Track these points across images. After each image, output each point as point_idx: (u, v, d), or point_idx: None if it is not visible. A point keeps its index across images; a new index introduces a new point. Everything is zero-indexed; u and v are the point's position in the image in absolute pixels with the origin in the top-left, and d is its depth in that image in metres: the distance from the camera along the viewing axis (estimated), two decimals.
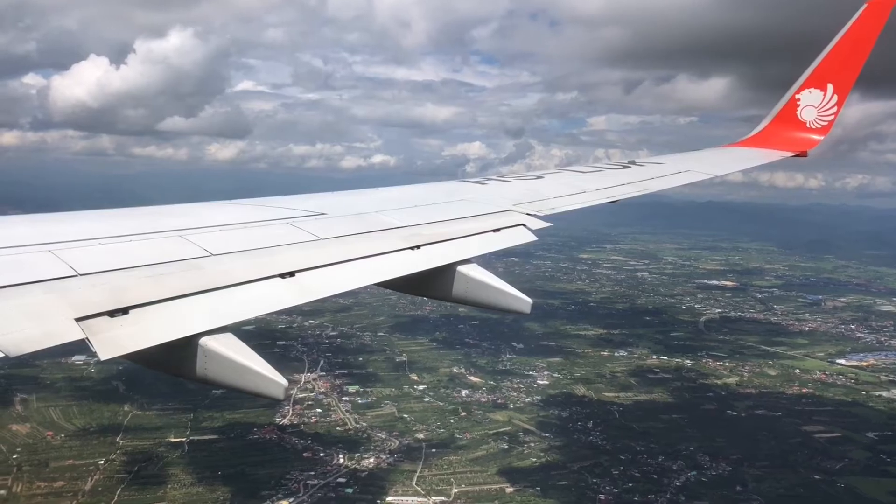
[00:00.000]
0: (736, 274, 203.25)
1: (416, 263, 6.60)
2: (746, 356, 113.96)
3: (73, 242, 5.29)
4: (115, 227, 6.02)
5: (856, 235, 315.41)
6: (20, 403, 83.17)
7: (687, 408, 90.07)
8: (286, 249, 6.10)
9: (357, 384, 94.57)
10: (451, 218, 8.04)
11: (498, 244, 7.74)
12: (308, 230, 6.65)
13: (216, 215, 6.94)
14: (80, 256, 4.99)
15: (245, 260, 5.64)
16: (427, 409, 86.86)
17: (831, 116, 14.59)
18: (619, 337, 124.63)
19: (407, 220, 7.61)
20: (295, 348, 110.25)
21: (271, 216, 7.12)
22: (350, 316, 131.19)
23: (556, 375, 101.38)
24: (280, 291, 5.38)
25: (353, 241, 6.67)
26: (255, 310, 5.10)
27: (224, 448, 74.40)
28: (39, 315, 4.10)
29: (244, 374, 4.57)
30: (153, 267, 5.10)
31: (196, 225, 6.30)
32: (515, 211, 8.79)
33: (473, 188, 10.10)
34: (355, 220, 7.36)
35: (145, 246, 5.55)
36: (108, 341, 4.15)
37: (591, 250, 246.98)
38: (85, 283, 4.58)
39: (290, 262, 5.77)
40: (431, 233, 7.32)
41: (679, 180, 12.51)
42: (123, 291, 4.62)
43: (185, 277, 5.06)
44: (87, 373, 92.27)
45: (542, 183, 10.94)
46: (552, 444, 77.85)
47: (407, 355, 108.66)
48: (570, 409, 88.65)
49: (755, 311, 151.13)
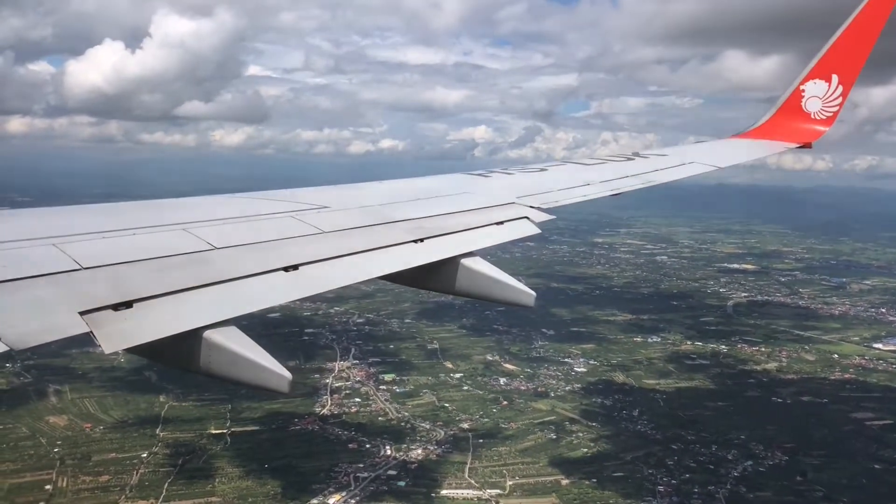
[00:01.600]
0: (755, 257, 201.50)
1: (419, 257, 6.60)
2: (781, 341, 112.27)
3: (77, 236, 5.33)
4: (119, 220, 6.06)
5: (869, 217, 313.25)
6: (54, 395, 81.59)
7: (731, 395, 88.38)
8: (290, 243, 6.11)
9: (392, 372, 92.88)
10: (454, 211, 8.07)
11: (501, 237, 7.79)
12: (311, 223, 6.68)
13: (219, 208, 7.02)
14: (84, 250, 5.01)
15: (249, 253, 5.68)
16: (467, 398, 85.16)
17: (836, 107, 14.61)
18: (648, 322, 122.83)
19: (410, 213, 7.61)
20: (324, 336, 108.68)
21: (275, 209, 7.13)
22: (375, 303, 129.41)
23: (592, 362, 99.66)
24: (284, 284, 5.40)
25: (356, 234, 6.69)
26: (259, 303, 5.05)
27: (267, 440, 72.75)
28: (43, 309, 4.10)
29: (248, 367, 4.53)
30: (157, 260, 5.12)
31: (199, 218, 6.31)
32: (519, 204, 8.79)
33: (477, 181, 10.12)
34: (359, 214, 7.35)
35: (149, 239, 5.57)
36: (112, 335, 4.13)
37: (605, 234, 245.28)
38: (89, 277, 4.60)
39: (293, 256, 5.79)
40: (435, 226, 7.33)
41: (683, 172, 12.60)
42: (127, 285, 4.61)
43: (188, 270, 5.08)
44: (117, 363, 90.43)
45: (546, 176, 11.03)
46: (600, 434, 76.20)
47: (438, 342, 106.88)
48: (613, 397, 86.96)
49: (781, 295, 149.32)
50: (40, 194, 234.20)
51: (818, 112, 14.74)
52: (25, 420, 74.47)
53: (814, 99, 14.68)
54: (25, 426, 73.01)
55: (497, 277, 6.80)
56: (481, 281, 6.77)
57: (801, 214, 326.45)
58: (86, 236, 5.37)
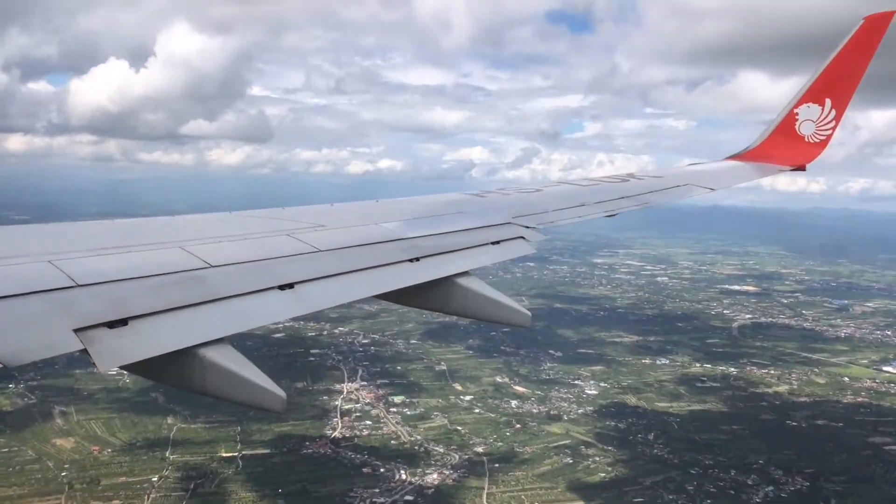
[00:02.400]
0: (755, 279, 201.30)
1: (415, 276, 6.59)
2: (790, 363, 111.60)
3: (73, 253, 5.29)
4: (115, 237, 6.07)
5: (865, 240, 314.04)
6: (60, 416, 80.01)
7: (745, 418, 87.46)
8: (285, 261, 6.09)
9: (402, 394, 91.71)
10: (450, 230, 8.07)
11: (497, 257, 7.83)
12: (307, 242, 6.65)
13: (215, 226, 7.00)
14: (80, 267, 4.97)
15: (244, 271, 5.65)
16: (479, 421, 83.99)
17: (829, 131, 14.72)
18: (655, 344, 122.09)
19: (406, 233, 7.61)
20: (330, 357, 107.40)
21: (270, 228, 7.14)
22: (379, 323, 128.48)
23: (602, 385, 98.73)
24: (279, 303, 5.37)
25: (352, 252, 6.69)
26: (254, 321, 5.04)
27: (279, 463, 71.40)
28: (38, 326, 4.08)
29: (244, 386, 4.50)
30: (153, 278, 5.10)
31: (195, 236, 6.30)
32: (514, 224, 8.82)
33: (473, 200, 10.13)
34: (355, 232, 7.37)
35: (145, 257, 5.54)
36: (107, 352, 4.10)
37: (604, 255, 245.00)
38: (84, 294, 4.58)
39: (289, 274, 5.76)
40: (431, 245, 7.32)
41: (678, 195, 12.65)
42: (123, 302, 4.59)
43: (184, 289, 5.06)
44: (122, 383, 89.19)
45: (541, 196, 11.02)
46: (617, 458, 75.11)
47: (446, 364, 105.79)
48: (626, 420, 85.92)
49: (785, 317, 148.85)
50: (38, 212, 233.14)
51: (812, 135, 14.87)
52: (31, 443, 72.90)
53: (807, 122, 14.81)
54: (31, 449, 71.47)
55: (493, 297, 6.74)
56: (477, 300, 6.72)
57: (797, 236, 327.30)
58: (81, 253, 5.35)
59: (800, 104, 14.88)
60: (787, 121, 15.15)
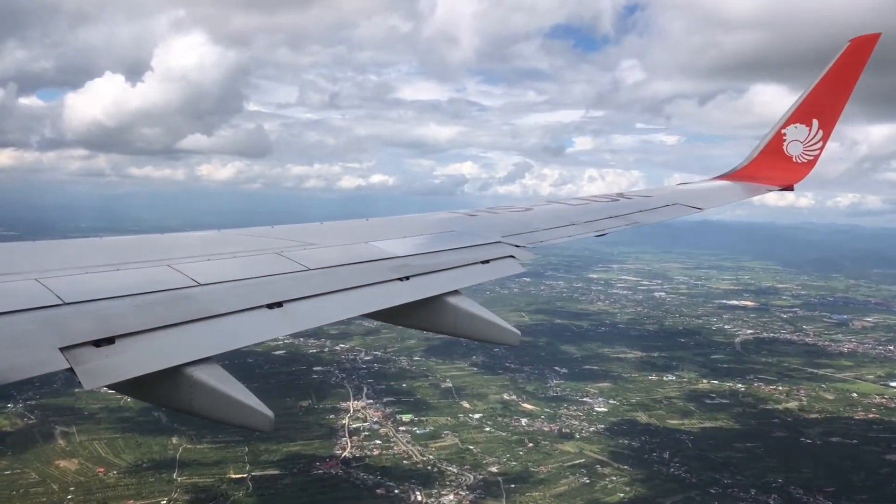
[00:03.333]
0: (752, 293, 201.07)
1: (404, 294, 6.53)
2: (796, 379, 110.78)
3: (60, 271, 5.24)
4: (102, 255, 5.99)
5: (857, 254, 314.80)
6: (62, 437, 77.97)
7: (758, 435, 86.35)
8: (274, 279, 6.02)
9: (410, 412, 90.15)
10: (440, 249, 8.04)
11: (487, 276, 7.79)
12: (296, 260, 6.59)
13: (204, 244, 6.93)
14: (67, 285, 4.92)
15: (233, 289, 5.59)
16: (491, 440, 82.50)
17: (817, 151, 14.89)
18: (660, 360, 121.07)
19: (396, 251, 7.56)
20: (333, 374, 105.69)
21: (259, 246, 7.07)
22: (380, 339, 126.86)
23: (611, 402, 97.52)
24: (267, 321, 5.32)
25: (341, 271, 6.62)
26: (242, 340, 5.01)
27: (290, 484, 69.73)
28: (24, 344, 4.05)
29: (231, 405, 4.45)
30: (140, 296, 5.03)
31: (183, 254, 6.24)
32: (504, 243, 8.79)
33: (463, 220, 10.16)
34: (344, 251, 7.31)
35: (132, 275, 5.49)
36: (93, 371, 4.06)
37: (599, 270, 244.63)
38: (71, 312, 4.53)
39: (277, 292, 5.70)
40: (420, 264, 7.29)
41: (666, 214, 12.75)
42: (109, 320, 4.54)
43: (172, 307, 5.01)
44: (124, 402, 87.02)
45: (531, 215, 11.00)
46: (634, 477, 73.82)
47: (451, 381, 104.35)
48: (639, 438, 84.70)
49: (786, 332, 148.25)
50: (26, 228, 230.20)
51: (799, 156, 15.03)
52: (34, 464, 70.82)
53: (795, 143, 14.98)
54: (35, 471, 69.39)
55: (482, 316, 6.72)
56: (466, 319, 6.70)
57: (789, 251, 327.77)
58: (68, 271, 5.29)
59: (787, 125, 15.05)
60: (774, 141, 15.28)
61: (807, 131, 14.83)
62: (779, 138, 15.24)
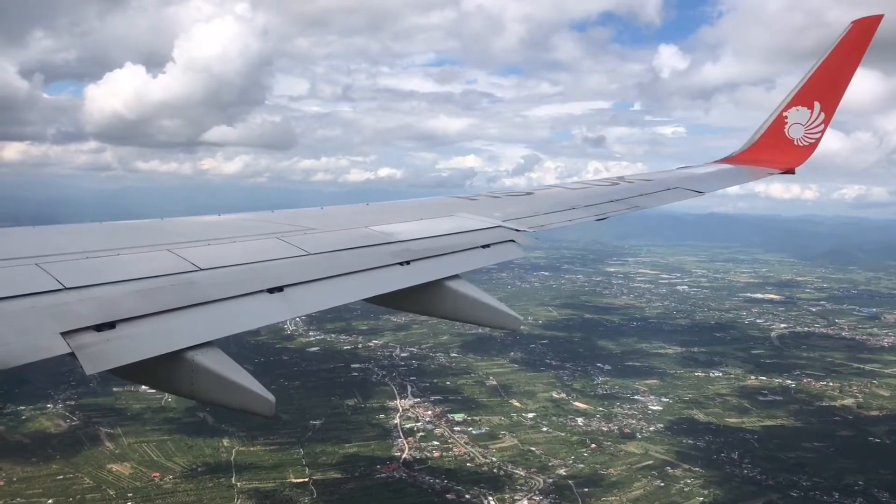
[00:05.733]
0: (774, 286, 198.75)
1: (405, 279, 6.47)
2: (845, 375, 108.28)
3: (61, 256, 5.19)
4: (103, 240, 5.93)
5: (869, 246, 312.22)
6: (108, 439, 74.94)
7: (823, 434, 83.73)
8: (275, 264, 5.95)
9: (460, 412, 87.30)
10: (441, 234, 7.96)
11: (487, 260, 7.68)
12: (297, 245, 6.51)
13: (205, 229, 6.88)
14: (68, 270, 4.89)
15: (233, 274, 5.52)
16: (551, 441, 79.67)
17: (818, 134, 14.73)
18: (701, 355, 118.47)
19: (397, 236, 7.43)
20: (373, 371, 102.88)
21: (260, 231, 7.00)
22: (412, 335, 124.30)
23: (664, 399, 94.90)
24: (268, 306, 5.28)
25: (342, 256, 6.52)
26: (243, 325, 4.96)
27: (356, 489, 66.86)
28: (25, 329, 4.03)
29: (232, 390, 4.44)
30: (141, 281, 5.01)
31: (184, 239, 6.19)
32: (505, 227, 8.67)
33: (464, 204, 10.00)
34: (344, 235, 7.19)
35: (133, 260, 5.43)
36: (94, 356, 4.07)
37: (615, 263, 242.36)
38: (72, 297, 4.52)
39: (278, 277, 5.62)
40: (421, 248, 7.19)
41: (668, 198, 12.53)
42: (111, 305, 4.53)
43: (172, 291, 4.98)
44: (166, 402, 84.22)
45: (532, 199, 10.97)
46: (708, 479, 71.08)
47: (494, 378, 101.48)
48: (702, 437, 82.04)
49: (820, 326, 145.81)
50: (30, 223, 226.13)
51: (801, 138, 14.81)
52: (85, 468, 67.89)
53: (796, 126, 14.76)
54: (88, 476, 66.48)
55: (483, 300, 6.64)
56: (467, 304, 6.60)
57: (800, 243, 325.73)
58: (70, 256, 5.22)
59: (789, 108, 14.81)
60: (776, 124, 15.02)
61: (808, 114, 14.60)
62: (780, 121, 14.95)
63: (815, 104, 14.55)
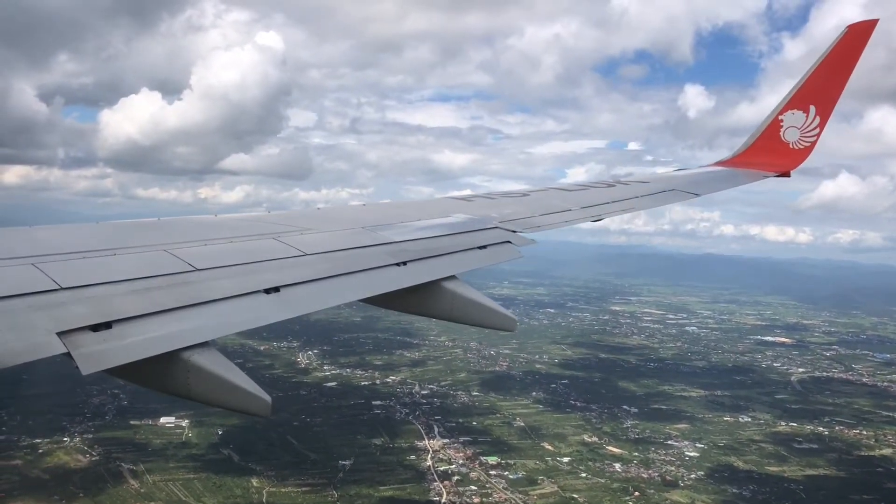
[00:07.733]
0: (782, 329, 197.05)
1: (402, 279, 6.41)
2: (876, 424, 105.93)
3: (57, 255, 5.12)
4: (100, 240, 5.84)
5: (867, 291, 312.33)
6: (132, 476, 71.23)
7: (869, 486, 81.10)
8: (271, 264, 5.88)
9: (493, 454, 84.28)
10: (437, 234, 7.91)
11: (484, 261, 7.61)
12: (293, 245, 6.43)
13: (201, 229, 6.79)
14: (64, 270, 4.82)
15: (230, 274, 5.46)
16: (591, 488, 76.66)
17: (813, 138, 14.74)
18: (725, 399, 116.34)
19: (394, 236, 7.39)
20: (396, 409, 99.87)
21: (256, 231, 6.87)
22: (429, 371, 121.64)
23: (699, 445, 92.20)
24: (265, 306, 5.20)
25: (338, 256, 6.46)
26: (239, 324, 4.90)
27: None
28: (21, 329, 3.97)
29: (229, 390, 4.38)
30: (137, 281, 4.94)
31: (181, 239, 6.10)
32: (501, 228, 8.63)
33: (460, 205, 9.90)
34: (341, 236, 7.13)
35: (130, 259, 5.37)
36: (90, 356, 4.02)
37: (619, 302, 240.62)
38: (68, 297, 4.45)
39: (274, 277, 5.56)
40: (418, 249, 7.15)
41: (663, 200, 12.40)
42: (107, 305, 4.47)
43: (169, 291, 4.92)
44: (186, 437, 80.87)
45: (528, 200, 10.85)
46: None
47: (522, 419, 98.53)
48: (746, 486, 79.34)
49: (838, 371, 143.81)
50: None
51: (797, 142, 14.76)
52: None
53: (792, 129, 14.72)
54: None
55: (479, 301, 6.57)
56: (463, 304, 6.54)
57: (798, 286, 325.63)
58: (66, 256, 5.13)
59: (784, 111, 14.79)
60: (771, 127, 15.01)
61: (804, 117, 14.58)
62: (776, 125, 14.92)
63: (810, 108, 14.55)
